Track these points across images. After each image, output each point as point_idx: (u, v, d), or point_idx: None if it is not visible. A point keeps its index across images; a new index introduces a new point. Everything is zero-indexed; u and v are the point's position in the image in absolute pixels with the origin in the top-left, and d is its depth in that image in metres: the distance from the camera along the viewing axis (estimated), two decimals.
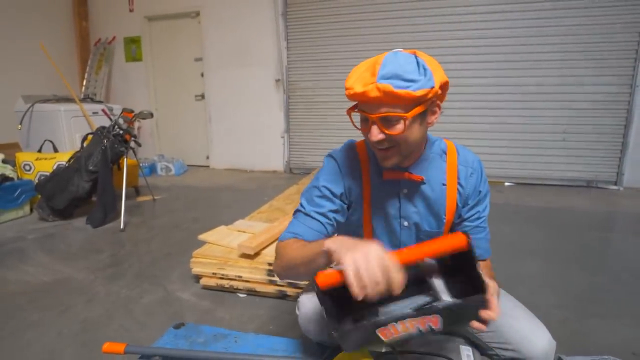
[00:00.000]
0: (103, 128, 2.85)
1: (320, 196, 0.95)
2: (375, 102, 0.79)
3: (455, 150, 0.98)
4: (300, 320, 0.98)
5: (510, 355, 0.91)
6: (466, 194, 0.96)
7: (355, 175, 0.98)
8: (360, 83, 0.79)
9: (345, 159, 0.99)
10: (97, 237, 2.54)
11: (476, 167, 0.96)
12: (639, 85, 3.59)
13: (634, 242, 2.44)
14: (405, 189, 0.96)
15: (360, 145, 1.01)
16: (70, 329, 1.51)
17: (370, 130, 0.82)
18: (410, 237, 1.01)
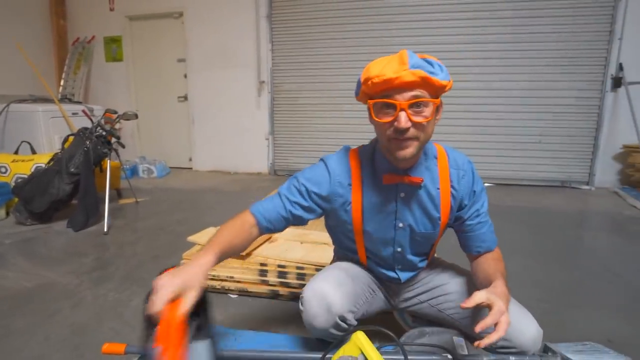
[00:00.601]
0: (85, 129, 2.78)
1: (297, 188, 0.99)
2: (408, 86, 0.81)
3: (446, 154, 1.01)
4: (304, 316, 1.00)
5: (501, 344, 0.96)
6: (460, 196, 1.00)
7: (344, 181, 1.00)
8: (390, 70, 0.81)
9: (337, 164, 1.01)
10: (79, 241, 2.48)
11: (467, 169, 1.00)
12: (608, 90, 3.79)
13: (605, 239, 2.59)
14: (403, 193, 0.99)
15: (353, 152, 1.04)
16: (58, 334, 1.48)
17: (397, 117, 0.83)
18: (405, 237, 1.04)
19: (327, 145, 4.45)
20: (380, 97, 0.86)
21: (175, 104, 4.90)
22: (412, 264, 1.10)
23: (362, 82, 0.88)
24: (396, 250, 1.06)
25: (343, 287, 1.02)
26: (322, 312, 0.97)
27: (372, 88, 0.85)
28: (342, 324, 0.98)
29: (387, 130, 0.87)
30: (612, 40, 3.70)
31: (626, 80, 3.66)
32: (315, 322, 0.97)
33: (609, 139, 3.86)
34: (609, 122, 3.84)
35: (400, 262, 1.09)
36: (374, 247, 1.08)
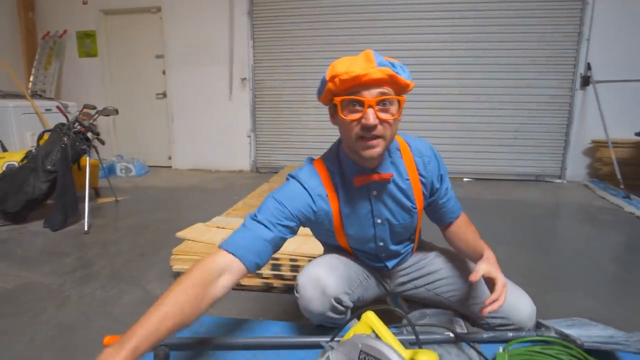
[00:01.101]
0: (62, 125, 2.68)
1: (279, 210, 0.92)
2: (375, 83, 0.82)
3: (407, 144, 1.03)
4: (300, 302, 1.01)
5: (499, 322, 1.00)
6: (429, 181, 1.03)
7: (321, 193, 0.99)
8: (358, 67, 0.82)
9: (310, 179, 0.99)
10: (58, 241, 2.38)
11: (430, 155, 1.03)
12: (577, 88, 3.98)
13: (579, 228, 2.73)
14: (375, 191, 1.00)
15: (318, 162, 1.03)
16: (44, 335, 1.42)
17: (365, 114, 0.83)
18: (385, 231, 1.06)
19: (309, 142, 4.47)
20: (347, 94, 0.85)
21: (154, 101, 4.78)
22: (396, 252, 1.13)
23: (328, 80, 0.86)
24: (378, 245, 1.08)
25: (336, 270, 1.04)
26: (317, 295, 0.98)
27: (340, 85, 0.84)
28: (339, 306, 0.99)
29: (355, 129, 0.86)
30: (581, 41, 3.89)
31: (594, 79, 3.86)
32: (311, 306, 0.98)
33: (579, 134, 4.05)
34: (578, 119, 4.03)
35: (384, 252, 1.12)
36: (357, 245, 1.10)
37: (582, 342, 0.86)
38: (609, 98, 3.81)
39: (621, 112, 3.78)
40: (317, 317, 1.01)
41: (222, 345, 0.93)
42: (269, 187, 3.14)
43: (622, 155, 3.65)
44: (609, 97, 3.81)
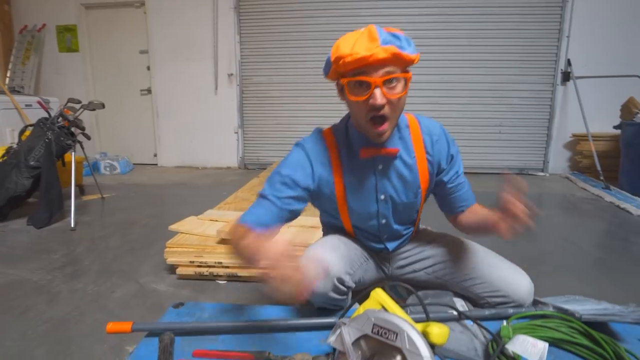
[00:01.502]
0: (46, 119, 2.60)
1: (282, 182, 0.96)
2: (380, 63, 0.82)
3: (417, 122, 1.04)
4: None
5: (499, 301, 1.03)
6: (436, 160, 1.03)
7: (324, 161, 1.00)
8: (362, 48, 0.81)
9: (314, 146, 1.01)
10: (44, 238, 2.31)
11: (439, 133, 1.04)
12: (558, 84, 4.10)
13: (563, 217, 2.82)
14: (381, 165, 1.01)
15: (327, 132, 1.05)
16: (35, 330, 1.38)
17: (373, 94, 0.83)
18: (387, 209, 1.06)
19: (298, 138, 4.41)
20: (353, 75, 0.85)
21: (138, 98, 4.69)
22: (397, 233, 1.14)
23: (333, 61, 0.87)
24: (381, 222, 1.08)
25: (338, 250, 1.05)
26: (320, 276, 0.98)
27: (345, 66, 0.84)
28: (341, 286, 1.00)
29: (363, 108, 0.87)
30: (561, 38, 4.01)
31: (574, 75, 3.98)
32: (314, 287, 0.98)
33: (560, 128, 4.17)
34: (559, 113, 4.15)
35: (386, 233, 1.12)
36: (360, 222, 1.10)
37: (580, 315, 0.89)
38: (589, 93, 3.94)
39: (600, 107, 3.91)
40: (319, 298, 1.01)
41: (226, 329, 0.93)
42: (259, 182, 3.12)
43: (602, 148, 3.78)
44: (588, 92, 3.94)
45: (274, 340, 0.91)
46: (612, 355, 0.80)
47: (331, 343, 0.75)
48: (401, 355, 0.67)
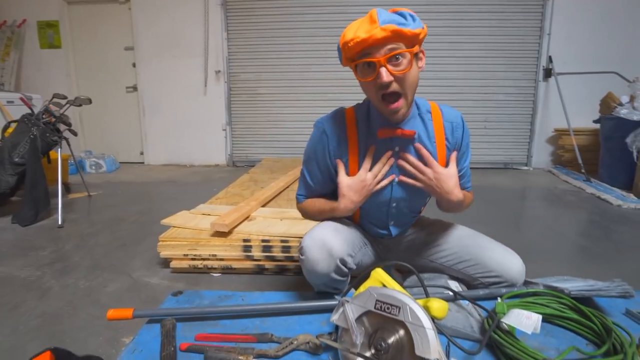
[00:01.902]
0: (30, 115, 2.54)
1: (313, 167, 1.09)
2: (381, 42, 0.85)
3: (439, 109, 1.09)
4: (305, 264, 1.02)
5: (493, 281, 1.06)
6: (453, 147, 1.08)
7: (340, 141, 1.04)
8: (362, 31, 0.85)
9: (332, 125, 1.04)
10: (30, 236, 2.26)
11: (459, 122, 1.09)
12: (540, 80, 4.21)
13: (548, 208, 2.90)
14: (398, 147, 1.04)
15: (349, 111, 1.07)
16: (27, 325, 1.35)
17: (379, 73, 0.87)
18: (401, 192, 1.09)
19: (286, 135, 4.47)
20: (359, 58, 0.90)
21: (124, 95, 4.61)
22: (405, 219, 1.17)
23: (341, 48, 0.92)
24: (392, 206, 1.11)
25: (340, 233, 1.07)
26: (323, 257, 0.99)
27: (350, 51, 0.89)
28: (343, 267, 1.02)
29: (373, 88, 0.91)
30: (542, 35, 4.12)
31: (555, 71, 4.09)
32: (318, 268, 0.99)
33: (543, 124, 4.29)
34: (542, 109, 4.26)
35: (395, 218, 1.15)
36: (369, 205, 1.12)
37: (569, 291, 0.94)
38: (570, 89, 4.06)
39: (581, 102, 4.02)
40: (320, 279, 1.02)
41: (227, 314, 0.93)
42: (249, 178, 3.12)
43: (582, 143, 3.90)
44: (569, 88, 4.06)
45: (275, 324, 0.93)
46: (600, 327, 0.84)
47: (334, 321, 0.76)
48: (404, 328, 0.70)
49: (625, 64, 4.09)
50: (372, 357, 0.70)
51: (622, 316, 0.97)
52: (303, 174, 1.13)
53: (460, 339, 0.82)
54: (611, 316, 0.92)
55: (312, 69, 4.32)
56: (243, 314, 0.95)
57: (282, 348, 0.80)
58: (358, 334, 0.73)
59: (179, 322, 0.90)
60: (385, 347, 0.70)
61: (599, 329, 0.84)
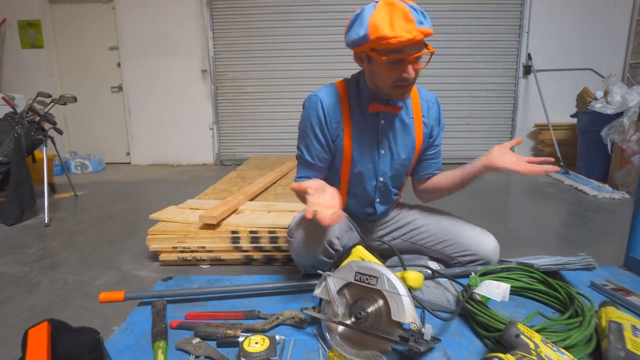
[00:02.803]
0: (14, 113, 2.52)
1: (311, 141, 1.10)
2: (418, 43, 0.93)
3: (417, 90, 1.18)
4: (294, 246, 1.07)
5: (469, 260, 1.12)
6: (430, 123, 1.17)
7: (337, 114, 1.10)
8: (403, 30, 0.89)
9: (328, 97, 1.10)
10: (16, 234, 2.25)
11: (434, 101, 1.18)
12: (520, 77, 4.33)
13: (528, 199, 3.01)
14: (383, 120, 1.11)
15: (341, 84, 1.13)
16: (17, 318, 1.37)
17: (406, 69, 0.96)
18: (386, 164, 1.16)
19: (273, 133, 4.50)
20: (391, 53, 0.94)
21: (109, 95, 4.58)
22: (389, 196, 1.22)
23: (373, 39, 0.92)
24: (379, 181, 1.17)
25: None
26: (310, 238, 1.06)
27: (386, 46, 0.92)
28: (330, 249, 1.07)
29: (392, 78, 0.99)
30: (522, 33, 4.24)
31: (534, 68, 4.22)
32: (305, 249, 1.05)
33: (523, 119, 4.41)
34: (522, 105, 4.38)
35: (380, 194, 1.20)
36: (358, 180, 1.17)
37: (538, 266, 1.00)
38: (548, 85, 4.19)
39: (559, 98, 4.15)
40: (308, 261, 1.07)
41: (216, 294, 0.97)
42: (237, 175, 3.14)
43: (561, 137, 4.03)
44: (548, 84, 4.19)
45: (262, 303, 0.97)
46: (565, 297, 0.90)
47: (317, 294, 0.81)
48: (382, 297, 0.75)
49: (600, 60, 4.24)
50: (352, 325, 0.75)
51: (587, 288, 1.04)
52: (301, 154, 1.13)
53: (438, 311, 0.88)
54: (577, 288, 0.99)
55: (297, 67, 4.36)
56: (231, 294, 0.98)
57: (269, 323, 0.85)
58: (340, 304, 0.77)
59: (169, 303, 0.94)
60: (364, 315, 0.74)
61: (564, 298, 0.90)
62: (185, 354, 0.77)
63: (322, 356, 0.76)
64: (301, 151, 1.13)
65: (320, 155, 1.10)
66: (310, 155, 1.10)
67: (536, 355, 0.65)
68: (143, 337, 0.82)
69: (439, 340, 0.78)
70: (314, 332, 0.84)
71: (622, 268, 1.20)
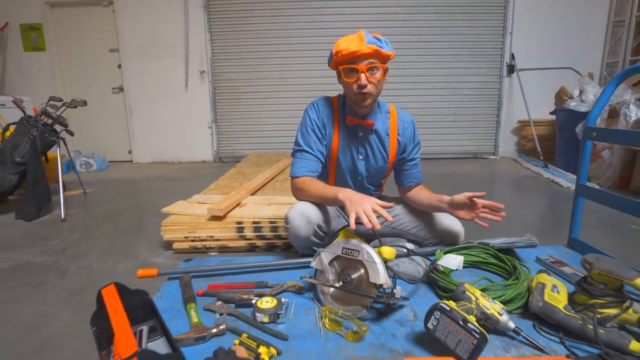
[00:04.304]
0: (29, 117, 2.71)
1: (313, 138, 1.33)
2: (365, 56, 1.18)
3: (396, 111, 1.40)
4: (290, 230, 1.29)
5: (438, 240, 1.36)
6: (404, 142, 1.39)
7: (330, 118, 1.34)
8: (353, 45, 1.17)
9: (324, 107, 1.36)
10: (37, 229, 2.45)
11: (410, 122, 1.41)
12: (504, 75, 4.56)
13: (508, 191, 3.25)
14: (361, 133, 1.34)
15: (334, 99, 1.39)
16: (55, 297, 1.58)
17: (359, 78, 1.19)
18: (362, 167, 1.39)
19: (270, 131, 4.70)
20: (347, 64, 1.21)
21: (110, 96, 4.75)
22: (368, 190, 1.45)
23: (334, 54, 1.22)
24: (357, 179, 1.40)
25: (316, 206, 1.35)
26: (304, 223, 1.28)
27: (342, 58, 1.20)
28: (319, 231, 1.30)
29: (353, 87, 1.23)
30: (505, 34, 4.47)
31: (517, 67, 4.46)
32: (299, 232, 1.28)
33: (508, 116, 4.65)
34: (506, 102, 4.63)
35: (360, 189, 1.43)
36: (341, 177, 1.41)
37: (493, 244, 1.23)
38: (531, 83, 4.44)
39: (541, 95, 4.39)
40: (302, 242, 1.30)
41: (231, 270, 1.19)
42: (237, 171, 3.34)
43: (542, 132, 4.28)
44: (530, 83, 4.44)
45: (268, 276, 1.19)
46: (510, 268, 1.14)
47: (313, 265, 1.03)
48: (363, 266, 0.97)
49: (580, 60, 4.49)
50: (340, 287, 0.97)
51: (533, 262, 1.27)
52: (299, 147, 1.33)
53: (411, 281, 1.10)
54: (525, 261, 1.22)
55: (292, 68, 4.56)
56: (243, 270, 1.20)
57: (275, 290, 1.06)
58: (330, 273, 0.99)
59: (193, 278, 1.15)
60: (349, 280, 0.96)
61: (509, 269, 1.13)
62: (211, 313, 0.98)
63: (317, 312, 0.98)
64: (300, 145, 1.33)
65: (317, 146, 1.32)
66: (309, 146, 1.31)
67: (475, 305, 0.88)
68: (176, 302, 1.04)
69: (407, 299, 1.01)
70: (311, 297, 1.06)
71: (565, 247, 1.43)
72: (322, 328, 0.92)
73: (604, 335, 0.83)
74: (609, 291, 0.91)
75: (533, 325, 0.93)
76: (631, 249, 1.99)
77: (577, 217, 1.44)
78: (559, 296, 0.93)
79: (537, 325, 0.93)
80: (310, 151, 1.30)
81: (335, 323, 0.92)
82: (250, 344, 0.84)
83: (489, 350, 0.84)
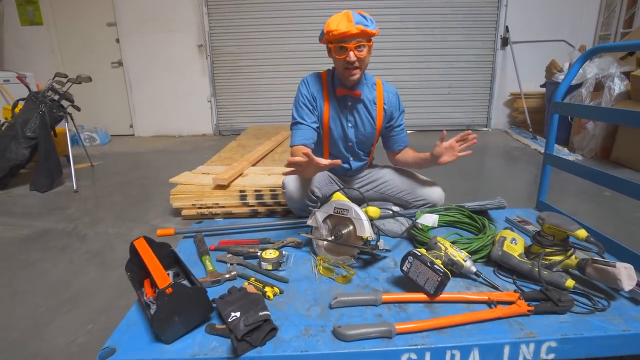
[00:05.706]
0: (37, 93, 2.82)
1: (305, 111, 1.47)
2: (353, 36, 1.30)
3: (381, 83, 1.54)
4: (286, 194, 1.47)
5: (421, 204, 1.53)
6: (390, 110, 1.53)
7: (319, 91, 1.49)
8: (342, 26, 1.29)
9: (314, 82, 1.50)
10: (52, 199, 2.62)
11: (394, 93, 1.55)
12: (498, 48, 4.62)
13: (496, 161, 3.41)
14: (350, 102, 1.49)
15: (324, 73, 1.52)
16: (79, 257, 1.77)
17: (348, 54, 1.32)
18: (352, 134, 1.54)
19: (268, 104, 4.80)
20: (337, 42, 1.34)
21: (109, 70, 4.80)
22: (359, 155, 1.61)
23: (325, 33, 1.35)
24: (348, 144, 1.56)
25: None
26: (298, 188, 1.46)
27: (332, 37, 1.33)
28: (312, 195, 1.47)
29: (342, 62, 1.37)
30: (500, 6, 4.49)
31: (511, 40, 4.51)
32: (294, 196, 1.46)
33: (500, 88, 4.75)
34: (499, 75, 4.71)
35: (352, 154, 1.59)
36: (334, 144, 1.55)
37: (468, 206, 1.41)
38: (525, 56, 4.50)
39: (532, 68, 4.47)
40: (297, 204, 1.48)
41: (238, 229, 1.37)
42: (237, 144, 3.48)
43: (532, 105, 4.40)
44: (524, 56, 4.50)
45: (271, 234, 1.37)
46: (480, 226, 1.31)
47: (309, 223, 1.21)
48: (351, 222, 1.14)
49: (573, 32, 4.54)
50: (332, 240, 1.15)
51: (503, 222, 1.45)
52: (295, 120, 1.46)
53: (393, 235, 1.28)
54: (495, 221, 1.40)
55: (289, 41, 4.60)
56: (248, 229, 1.38)
57: (277, 245, 1.24)
58: (324, 229, 1.17)
59: (205, 236, 1.33)
60: (340, 234, 1.14)
61: (480, 227, 1.31)
62: (223, 264, 1.16)
63: (313, 261, 1.17)
64: (295, 120, 1.48)
65: (310, 119, 1.46)
66: (304, 119, 1.46)
67: (444, 253, 1.06)
68: (192, 255, 1.22)
69: (390, 250, 1.19)
70: (308, 250, 1.24)
71: (534, 209, 1.61)
72: (317, 274, 1.10)
73: (547, 275, 1.02)
74: (557, 241, 1.08)
75: (493, 271, 1.12)
76: (599, 212, 2.19)
77: (544, 182, 1.61)
78: (516, 247, 1.11)
79: (496, 271, 1.11)
80: (304, 122, 1.45)
81: (327, 270, 1.10)
82: (257, 285, 1.03)
83: (453, 288, 1.02)
